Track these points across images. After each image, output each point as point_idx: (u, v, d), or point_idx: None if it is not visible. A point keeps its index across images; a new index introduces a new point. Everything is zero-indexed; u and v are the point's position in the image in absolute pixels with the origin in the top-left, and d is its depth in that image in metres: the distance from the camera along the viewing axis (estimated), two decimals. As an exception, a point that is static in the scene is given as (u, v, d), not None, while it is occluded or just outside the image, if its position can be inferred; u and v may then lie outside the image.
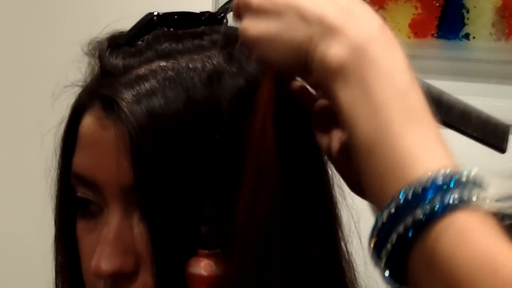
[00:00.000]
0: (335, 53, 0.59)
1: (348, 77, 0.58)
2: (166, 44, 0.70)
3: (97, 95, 0.70)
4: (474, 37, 1.48)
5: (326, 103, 0.69)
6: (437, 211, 0.52)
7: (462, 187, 0.52)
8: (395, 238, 0.53)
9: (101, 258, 0.67)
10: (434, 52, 1.51)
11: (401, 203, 0.53)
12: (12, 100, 1.93)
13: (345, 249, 0.78)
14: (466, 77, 1.50)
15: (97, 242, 0.69)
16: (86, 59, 0.75)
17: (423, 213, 0.52)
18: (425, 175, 0.53)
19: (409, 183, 0.53)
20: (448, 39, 1.49)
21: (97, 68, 0.73)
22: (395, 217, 0.53)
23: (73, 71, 0.76)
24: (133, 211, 0.69)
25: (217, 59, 0.70)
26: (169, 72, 0.68)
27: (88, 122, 0.70)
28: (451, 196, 0.52)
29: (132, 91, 0.67)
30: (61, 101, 0.79)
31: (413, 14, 1.52)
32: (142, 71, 0.69)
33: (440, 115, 0.60)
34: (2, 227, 1.93)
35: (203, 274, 0.66)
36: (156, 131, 0.66)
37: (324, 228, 0.74)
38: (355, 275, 0.79)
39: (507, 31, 1.45)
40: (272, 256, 0.68)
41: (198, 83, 0.68)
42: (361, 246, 0.79)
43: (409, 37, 1.52)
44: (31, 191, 1.28)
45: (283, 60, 0.63)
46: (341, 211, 0.78)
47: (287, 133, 0.71)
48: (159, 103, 0.67)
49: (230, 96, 0.68)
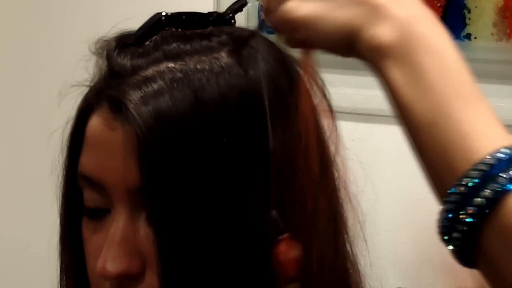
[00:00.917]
0: (384, 33, 0.60)
1: (398, 56, 0.59)
2: (174, 45, 0.70)
3: (105, 96, 0.70)
4: (475, 37, 1.48)
5: None
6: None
7: None
8: (471, 212, 0.53)
9: (107, 259, 0.67)
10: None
11: (474, 179, 0.54)
12: (19, 99, 1.93)
13: (350, 250, 0.78)
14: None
15: (102, 243, 0.69)
16: (93, 59, 0.75)
17: (498, 186, 0.53)
18: (494, 149, 0.54)
19: (480, 158, 0.54)
20: (450, 39, 1.49)
21: (104, 68, 0.72)
22: (468, 193, 0.54)
23: (80, 71, 0.76)
24: (139, 212, 0.68)
25: (225, 60, 0.70)
26: (177, 74, 0.68)
27: (96, 123, 0.70)
28: None
29: (140, 92, 0.67)
30: (68, 100, 0.79)
31: (415, 14, 1.52)
32: (150, 72, 0.68)
33: None
34: (7, 226, 1.94)
35: (295, 256, 0.66)
36: (164, 132, 0.66)
37: (329, 229, 0.74)
38: (360, 276, 0.79)
39: (508, 31, 1.45)
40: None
41: (206, 84, 0.68)
42: (366, 247, 0.80)
43: (410, 37, 1.53)
44: (36, 190, 1.29)
45: (328, 40, 0.63)
46: (347, 213, 0.78)
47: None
48: (166, 104, 0.66)
49: (238, 97, 0.69)
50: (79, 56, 0.76)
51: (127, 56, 0.70)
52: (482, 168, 0.54)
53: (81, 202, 0.73)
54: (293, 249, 0.65)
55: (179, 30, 0.72)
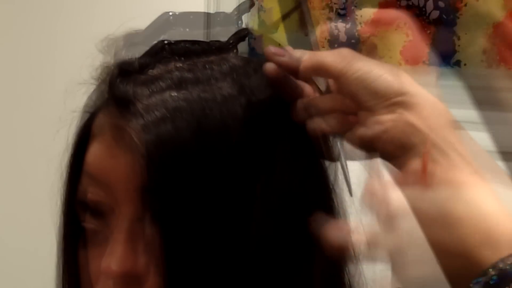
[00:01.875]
0: None
1: None
2: (177, 73, 0.71)
3: (110, 96, 0.71)
4: (465, 64, 1.49)
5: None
6: None
7: None
8: None
9: (112, 258, 0.67)
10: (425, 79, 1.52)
11: (499, 273, 0.58)
12: (23, 99, 1.93)
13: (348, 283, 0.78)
14: (457, 104, 1.50)
15: (106, 243, 0.70)
16: (100, 57, 0.75)
17: None
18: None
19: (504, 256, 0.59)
20: (439, 66, 1.50)
21: (106, 95, 0.73)
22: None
23: (86, 68, 0.76)
24: (145, 212, 0.69)
25: (227, 90, 0.70)
26: (180, 102, 0.69)
27: (102, 121, 0.72)
28: None
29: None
30: (73, 99, 0.79)
31: (404, 42, 1.52)
32: (153, 100, 0.69)
33: None
34: (5, 231, 1.93)
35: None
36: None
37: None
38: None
39: (498, 58, 1.46)
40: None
41: (209, 113, 0.69)
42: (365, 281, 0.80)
43: (400, 64, 1.53)
44: (35, 208, 1.28)
45: None
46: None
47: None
48: (169, 130, 0.67)
49: (240, 127, 0.69)
50: (86, 54, 0.76)
51: (130, 83, 0.70)
52: (498, 269, 0.58)
53: (84, 205, 0.73)
54: None
55: (182, 58, 0.73)
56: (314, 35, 0.75)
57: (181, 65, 0.72)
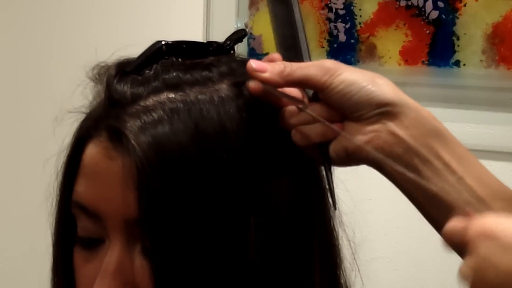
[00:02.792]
0: None
1: None
2: (174, 74, 0.70)
3: (104, 124, 0.69)
4: (464, 64, 1.49)
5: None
6: None
7: None
8: None
9: None
10: (424, 79, 1.52)
11: None
12: (14, 125, 1.93)
13: (344, 280, 0.78)
14: (457, 104, 1.50)
15: (95, 273, 0.68)
16: (90, 85, 0.75)
17: None
18: None
19: None
20: (439, 66, 1.50)
21: (103, 95, 0.72)
22: None
23: (77, 96, 0.75)
24: (135, 244, 0.68)
25: (225, 91, 0.70)
26: (178, 104, 0.68)
27: (94, 151, 0.70)
28: None
29: (140, 122, 0.66)
30: (63, 127, 0.79)
31: (404, 42, 1.52)
32: (150, 102, 0.68)
33: None
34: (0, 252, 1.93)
35: None
36: (163, 164, 0.65)
37: (325, 260, 0.74)
38: None
39: (497, 58, 1.46)
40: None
41: (206, 115, 0.68)
42: (360, 277, 0.80)
43: (399, 64, 1.53)
44: (29, 218, 1.28)
45: None
46: (341, 243, 0.78)
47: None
48: (167, 135, 0.66)
49: (237, 129, 0.68)
50: (76, 81, 0.76)
51: (127, 84, 0.69)
52: None
53: (74, 230, 0.72)
54: None
55: (179, 59, 0.72)
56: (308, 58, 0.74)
57: (178, 65, 0.71)
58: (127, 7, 1.78)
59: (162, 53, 0.72)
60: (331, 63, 0.71)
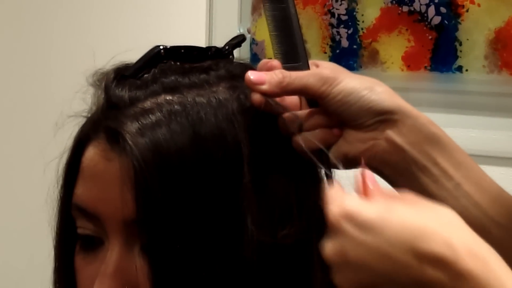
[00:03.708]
0: None
1: None
2: (172, 78, 0.70)
3: (102, 126, 0.70)
4: (467, 70, 1.49)
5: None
6: None
7: None
8: None
9: None
10: (427, 85, 1.52)
11: None
12: (15, 129, 1.93)
13: None
14: (459, 110, 1.50)
15: (96, 274, 0.68)
16: (90, 90, 0.75)
17: None
18: None
19: None
20: (441, 71, 1.50)
21: (102, 99, 0.72)
22: None
23: (77, 102, 0.76)
24: (134, 244, 0.68)
25: (223, 95, 0.70)
26: (175, 106, 0.68)
27: (92, 153, 0.70)
28: None
29: (138, 123, 0.67)
30: (64, 131, 0.79)
31: (406, 47, 1.53)
32: (148, 104, 0.69)
33: None
34: (1, 256, 1.92)
35: None
36: (161, 165, 0.66)
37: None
38: None
39: (499, 63, 1.46)
40: None
41: (204, 118, 0.68)
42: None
43: (402, 70, 1.53)
44: (31, 221, 1.28)
45: None
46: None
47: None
48: (164, 136, 0.66)
49: (235, 131, 0.69)
50: (76, 87, 0.76)
51: (125, 87, 0.70)
52: None
53: (75, 233, 0.72)
54: None
55: (178, 63, 0.72)
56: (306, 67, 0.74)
57: (176, 69, 0.72)
58: (129, 13, 1.78)
59: (160, 57, 0.72)
60: (329, 71, 0.71)
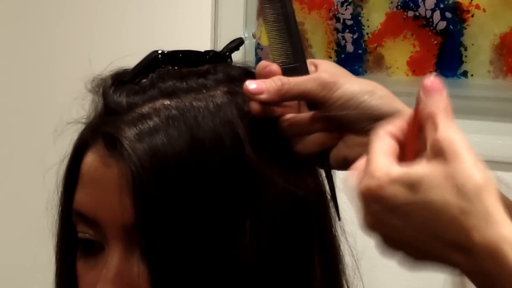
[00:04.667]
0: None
1: None
2: (170, 83, 0.70)
3: (100, 132, 0.70)
4: (472, 75, 1.49)
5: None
6: None
7: None
8: None
9: None
10: (432, 90, 1.52)
11: None
12: (15, 136, 1.93)
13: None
14: (464, 115, 1.50)
15: (97, 280, 0.68)
16: (89, 96, 0.75)
17: None
18: None
19: None
20: (446, 76, 1.49)
21: (100, 106, 0.73)
22: None
23: (76, 108, 0.76)
24: (134, 249, 0.68)
25: (220, 98, 0.70)
26: (173, 111, 0.68)
27: (91, 159, 0.70)
28: None
29: (135, 129, 0.67)
30: (64, 138, 0.79)
31: (411, 52, 1.52)
32: (145, 109, 0.69)
33: None
34: (3, 262, 1.92)
35: None
36: (159, 170, 0.66)
37: (327, 268, 0.74)
38: None
39: (505, 68, 1.46)
40: None
41: (201, 122, 0.68)
42: (362, 285, 0.80)
43: (407, 75, 1.53)
44: (32, 228, 1.28)
45: None
46: (343, 251, 0.78)
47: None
48: (162, 141, 0.66)
49: (233, 135, 0.69)
50: (75, 93, 0.76)
51: (123, 93, 0.70)
52: None
53: (76, 238, 0.72)
54: None
55: (176, 68, 0.72)
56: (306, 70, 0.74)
57: (174, 73, 0.72)
58: (134, 17, 1.79)
59: (158, 62, 0.73)
60: (329, 76, 0.71)
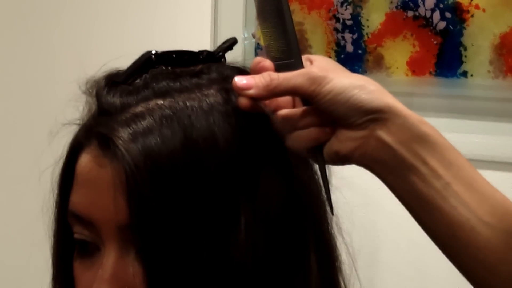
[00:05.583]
0: None
1: None
2: (164, 83, 0.71)
3: (94, 133, 0.70)
4: (471, 75, 1.49)
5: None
6: None
7: None
8: None
9: None
10: (432, 90, 1.52)
11: None
12: (10, 138, 1.93)
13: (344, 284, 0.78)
14: (464, 115, 1.50)
15: (93, 280, 0.68)
16: (83, 98, 0.75)
17: None
18: None
19: None
20: (446, 77, 1.49)
21: (94, 107, 0.73)
22: None
23: (70, 110, 0.76)
24: (129, 249, 0.68)
25: (214, 98, 0.70)
26: (166, 111, 0.68)
27: (85, 160, 0.70)
28: None
29: (129, 129, 0.67)
30: (59, 139, 0.79)
31: (411, 52, 1.52)
32: (139, 109, 0.69)
33: None
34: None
35: None
36: (152, 169, 0.66)
37: (324, 266, 0.74)
38: None
39: (504, 68, 1.46)
40: None
41: (195, 121, 0.68)
42: (359, 283, 0.80)
43: (407, 75, 1.53)
44: (28, 229, 1.28)
45: None
46: (340, 248, 0.78)
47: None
48: (155, 141, 0.66)
49: (227, 134, 0.69)
50: (69, 95, 0.76)
51: (116, 94, 0.70)
52: None
53: (72, 239, 0.72)
54: None
55: (169, 68, 0.72)
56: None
57: (168, 74, 0.72)
58: (134, 17, 1.79)
59: (151, 62, 0.73)
60: (318, 70, 0.71)
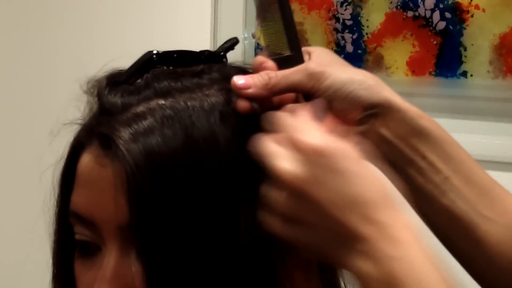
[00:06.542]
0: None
1: None
2: (165, 83, 0.70)
3: (95, 133, 0.70)
4: (471, 75, 1.49)
5: None
6: None
7: None
8: None
9: None
10: (431, 90, 1.52)
11: None
12: (11, 137, 1.93)
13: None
14: (464, 115, 1.50)
15: (94, 280, 0.68)
16: (84, 98, 0.75)
17: None
18: None
19: None
20: (446, 77, 1.50)
21: (95, 106, 0.73)
22: None
23: (72, 109, 0.76)
24: (130, 249, 0.68)
25: (215, 98, 0.70)
26: (167, 111, 0.68)
27: (86, 160, 0.70)
28: None
29: (130, 129, 0.67)
30: (60, 139, 0.79)
31: (411, 52, 1.53)
32: (140, 109, 0.69)
33: None
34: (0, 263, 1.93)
35: None
36: (153, 169, 0.66)
37: (325, 265, 0.74)
38: None
39: (504, 69, 1.46)
40: None
41: (196, 121, 0.68)
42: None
43: (406, 75, 1.53)
44: (29, 229, 1.29)
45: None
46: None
47: None
48: (156, 141, 0.66)
49: (228, 134, 0.69)
50: (71, 95, 0.76)
51: (118, 93, 0.70)
52: None
53: (73, 239, 0.73)
54: None
55: (170, 68, 0.72)
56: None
57: (169, 73, 0.72)
58: (134, 18, 1.79)
59: (153, 62, 0.72)
60: (316, 66, 0.71)
